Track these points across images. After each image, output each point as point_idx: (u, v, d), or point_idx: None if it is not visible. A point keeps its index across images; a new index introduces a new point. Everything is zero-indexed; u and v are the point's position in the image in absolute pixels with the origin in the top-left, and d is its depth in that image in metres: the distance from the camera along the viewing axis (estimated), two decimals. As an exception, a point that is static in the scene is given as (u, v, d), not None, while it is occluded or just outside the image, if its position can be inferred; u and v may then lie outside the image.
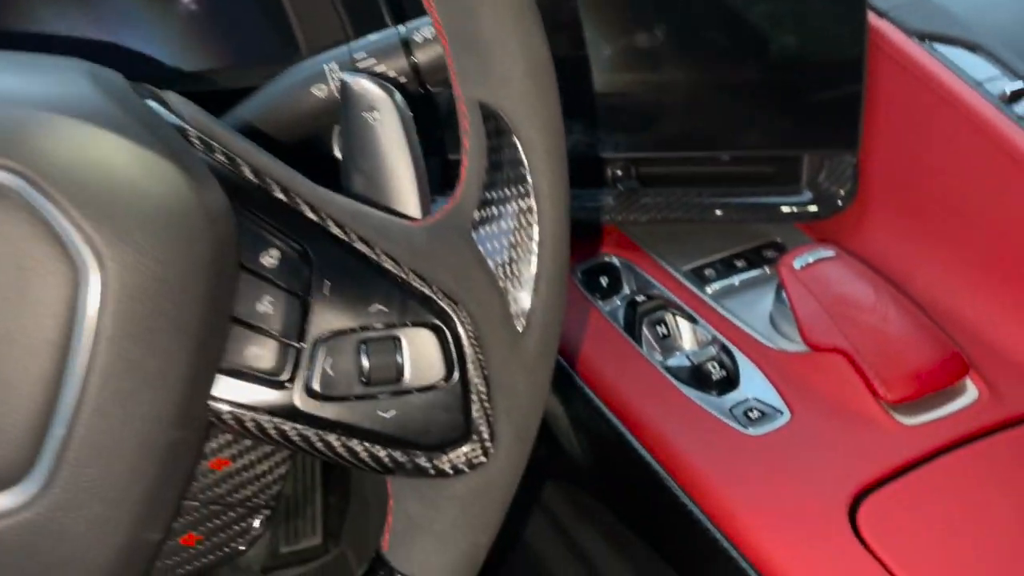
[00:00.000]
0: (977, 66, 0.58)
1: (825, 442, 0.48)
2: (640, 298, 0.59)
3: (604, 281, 0.61)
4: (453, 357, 0.34)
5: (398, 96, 0.37)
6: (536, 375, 0.35)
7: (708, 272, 0.61)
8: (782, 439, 0.49)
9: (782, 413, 0.50)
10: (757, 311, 0.58)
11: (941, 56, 0.58)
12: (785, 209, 0.62)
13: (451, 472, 0.35)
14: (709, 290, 0.60)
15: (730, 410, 0.51)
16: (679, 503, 0.49)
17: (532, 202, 0.34)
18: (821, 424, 0.49)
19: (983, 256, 0.55)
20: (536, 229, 0.35)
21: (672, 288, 0.60)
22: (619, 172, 0.63)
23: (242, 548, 0.36)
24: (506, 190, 0.34)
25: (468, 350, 0.34)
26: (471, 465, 0.35)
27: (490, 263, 0.35)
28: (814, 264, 0.55)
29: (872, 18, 0.61)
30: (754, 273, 0.61)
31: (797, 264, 0.55)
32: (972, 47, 0.59)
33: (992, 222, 0.55)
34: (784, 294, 0.55)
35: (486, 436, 0.34)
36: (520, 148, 0.34)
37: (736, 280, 0.61)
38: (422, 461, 0.34)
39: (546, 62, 0.34)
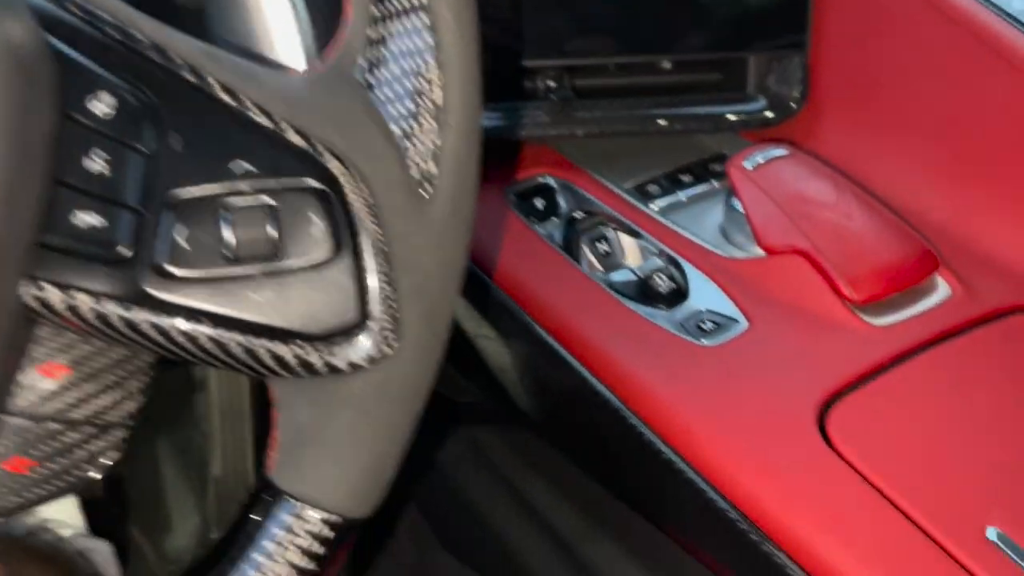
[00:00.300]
0: (932, -54, 0.53)
1: (787, 348, 0.43)
2: (579, 215, 0.53)
3: (539, 203, 0.56)
4: (342, 228, 0.28)
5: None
6: (447, 249, 0.29)
7: (652, 188, 0.56)
8: (740, 348, 0.43)
9: (738, 322, 0.45)
10: (707, 224, 0.53)
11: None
12: (733, 117, 0.57)
13: (347, 369, 0.28)
14: (654, 207, 0.54)
15: (681, 324, 0.46)
16: (628, 425, 0.43)
17: (431, 37, 0.28)
18: (782, 330, 0.44)
19: (949, 148, 0.50)
20: (439, 71, 0.28)
21: (613, 205, 0.54)
22: (551, 83, 0.57)
23: (94, 475, 0.30)
24: (399, 24, 0.28)
25: (361, 219, 0.28)
26: (371, 360, 0.28)
27: (385, 115, 0.29)
28: (766, 164, 0.50)
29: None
30: (702, 188, 0.56)
31: (748, 164, 0.50)
32: (925, -73, 0.54)
33: (957, 110, 0.50)
34: (735, 201, 0.50)
35: (387, 323, 0.28)
36: None
37: (683, 196, 0.55)
38: (311, 356, 0.28)
39: None
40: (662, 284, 0.48)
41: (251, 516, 0.29)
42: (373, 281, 0.28)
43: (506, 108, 0.56)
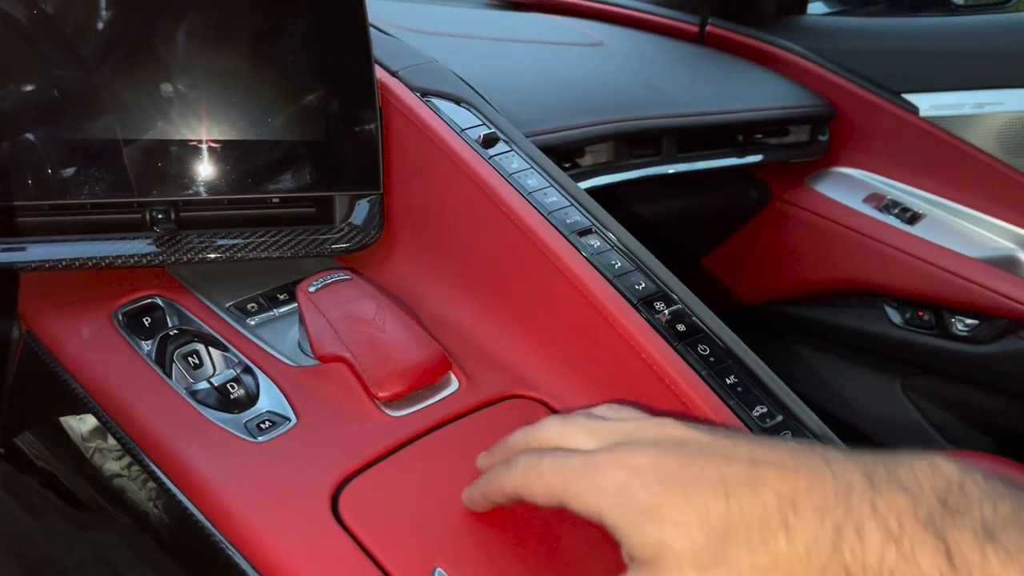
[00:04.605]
0: (461, 116, 0.68)
1: (319, 440, 0.53)
2: (172, 332, 0.61)
3: (147, 321, 0.63)
4: None
5: None
6: None
7: (251, 307, 0.65)
8: (283, 443, 0.53)
9: (290, 420, 0.55)
10: (289, 338, 0.63)
11: (435, 108, 0.68)
12: (321, 246, 0.68)
13: None
14: (252, 323, 0.63)
15: (245, 425, 0.55)
16: (193, 519, 0.51)
17: None
18: (321, 426, 0.54)
19: (471, 275, 0.65)
20: None
21: (211, 323, 0.63)
22: (159, 215, 0.65)
23: None
24: None
25: None
26: None
27: None
28: (326, 286, 0.61)
29: (384, 76, 0.70)
30: (293, 305, 0.66)
31: (312, 287, 0.60)
32: (458, 100, 0.70)
33: (475, 246, 0.65)
34: (303, 317, 0.60)
35: None
36: None
37: (276, 312, 0.65)
38: None
39: None
40: (233, 391, 0.57)
41: None
42: None
43: (115, 239, 0.63)
